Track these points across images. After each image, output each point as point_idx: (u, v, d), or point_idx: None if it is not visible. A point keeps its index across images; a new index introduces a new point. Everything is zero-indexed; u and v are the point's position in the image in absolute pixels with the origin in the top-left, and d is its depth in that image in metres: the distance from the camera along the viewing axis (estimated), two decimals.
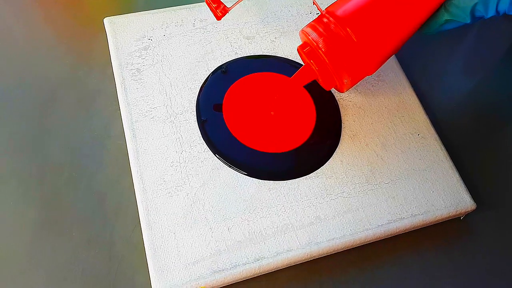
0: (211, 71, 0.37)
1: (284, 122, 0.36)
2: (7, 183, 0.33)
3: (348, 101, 0.37)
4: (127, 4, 0.44)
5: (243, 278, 0.30)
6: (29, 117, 0.36)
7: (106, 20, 0.39)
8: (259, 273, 0.30)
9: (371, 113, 0.37)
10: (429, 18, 0.33)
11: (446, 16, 0.32)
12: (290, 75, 0.37)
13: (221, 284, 0.29)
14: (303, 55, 0.33)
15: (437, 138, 0.36)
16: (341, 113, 0.37)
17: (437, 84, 0.42)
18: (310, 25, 0.32)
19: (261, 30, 0.40)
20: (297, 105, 0.37)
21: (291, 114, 0.36)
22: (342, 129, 0.36)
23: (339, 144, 0.35)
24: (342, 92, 0.34)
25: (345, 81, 0.32)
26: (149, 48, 0.38)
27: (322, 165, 0.34)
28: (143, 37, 0.38)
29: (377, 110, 0.37)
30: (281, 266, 0.31)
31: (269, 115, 0.36)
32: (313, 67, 0.32)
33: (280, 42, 0.40)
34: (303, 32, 0.33)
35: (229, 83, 0.37)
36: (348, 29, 0.31)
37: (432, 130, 0.36)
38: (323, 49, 0.31)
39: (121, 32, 0.38)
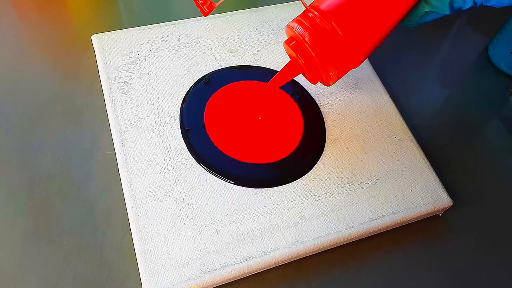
0: None
1: (270, 132, 0.37)
2: None
3: (328, 108, 0.39)
4: (113, 23, 0.46)
5: (232, 278, 0.31)
6: (19, 130, 0.37)
7: (94, 37, 0.41)
8: (247, 273, 0.31)
9: (350, 119, 0.39)
10: (409, 11, 0.34)
11: (426, 8, 0.33)
12: None
13: (211, 285, 0.30)
14: (290, 49, 0.34)
15: (414, 140, 0.38)
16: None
17: (413, 91, 0.45)
18: (295, 20, 0.33)
19: (243, 44, 0.42)
20: (283, 115, 0.38)
21: (277, 124, 0.38)
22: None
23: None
24: (328, 85, 0.35)
25: (331, 74, 0.33)
26: (136, 62, 0.39)
27: (307, 172, 0.35)
28: (130, 52, 0.40)
29: (356, 116, 0.39)
30: (269, 266, 0.32)
31: (254, 125, 0.37)
32: (300, 61, 0.33)
33: (262, 55, 0.42)
34: (289, 27, 0.33)
35: (211, 93, 0.38)
36: (333, 23, 0.31)
37: (408, 133, 0.38)
38: (309, 43, 0.32)
39: (109, 47, 0.40)
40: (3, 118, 0.37)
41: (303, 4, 0.33)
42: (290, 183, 0.35)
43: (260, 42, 0.42)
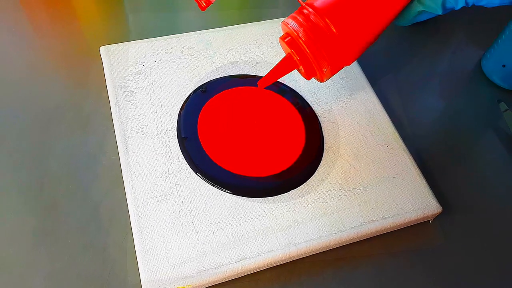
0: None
1: (269, 142, 0.38)
2: (9, 194, 0.35)
3: (323, 117, 0.41)
4: (121, 34, 0.48)
5: (227, 277, 0.32)
6: (30, 135, 0.39)
7: (102, 49, 0.43)
8: (242, 272, 0.32)
9: (344, 128, 0.40)
10: (403, 10, 0.35)
11: (419, 7, 0.34)
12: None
13: (207, 283, 0.32)
14: (285, 45, 0.35)
15: (405, 148, 0.39)
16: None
17: (407, 101, 0.46)
18: (291, 16, 0.34)
19: (244, 56, 0.44)
20: (283, 125, 0.39)
21: (278, 134, 0.39)
22: None
23: None
24: (322, 81, 0.36)
25: (324, 70, 0.34)
26: (142, 72, 0.42)
27: (304, 183, 0.37)
28: (136, 63, 0.42)
29: (349, 125, 0.40)
30: (263, 266, 0.33)
31: (252, 134, 0.39)
32: (294, 56, 0.34)
33: (261, 66, 0.44)
34: (284, 23, 0.34)
35: (206, 101, 0.40)
36: (327, 20, 0.32)
37: (400, 142, 0.40)
38: (303, 39, 0.33)
39: (116, 58, 0.42)
40: (16, 122, 0.40)
41: (299, 1, 0.34)
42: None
43: (259, 54, 0.44)
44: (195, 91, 0.41)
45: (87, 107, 0.41)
